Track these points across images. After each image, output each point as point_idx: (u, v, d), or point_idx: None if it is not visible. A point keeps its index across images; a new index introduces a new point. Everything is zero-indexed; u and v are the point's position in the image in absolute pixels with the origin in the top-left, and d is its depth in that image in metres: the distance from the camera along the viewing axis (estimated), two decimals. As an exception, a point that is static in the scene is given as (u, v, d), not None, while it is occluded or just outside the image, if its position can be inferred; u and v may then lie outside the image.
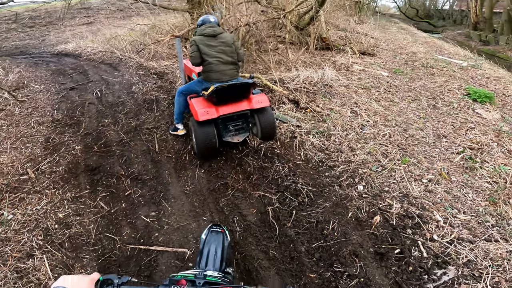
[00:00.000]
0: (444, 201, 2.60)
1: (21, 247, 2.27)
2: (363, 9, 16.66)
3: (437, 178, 2.87)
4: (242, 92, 2.97)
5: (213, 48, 3.02)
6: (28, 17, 13.38)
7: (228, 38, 3.13)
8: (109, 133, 3.70)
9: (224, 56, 3.04)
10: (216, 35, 3.07)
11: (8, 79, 5.70)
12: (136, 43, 7.43)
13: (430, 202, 2.57)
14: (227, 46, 3.08)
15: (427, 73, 5.89)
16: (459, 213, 2.46)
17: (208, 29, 3.07)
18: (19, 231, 2.40)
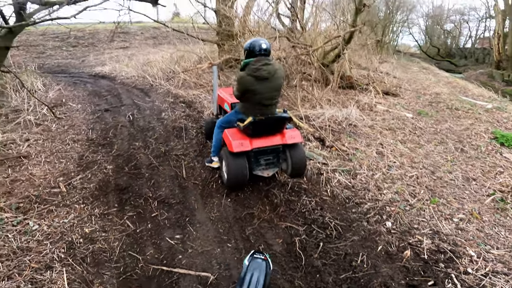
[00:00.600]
0: (477, 238, 2.60)
1: (41, 258, 2.29)
2: (385, 48, 17.12)
3: (468, 217, 2.87)
4: (278, 125, 2.98)
5: (261, 92, 2.82)
6: (74, 36, 14.25)
7: (280, 77, 2.88)
8: (139, 156, 3.85)
9: (269, 101, 2.93)
10: (269, 78, 2.78)
11: (48, 96, 6.11)
12: (167, 71, 7.81)
13: (462, 239, 2.56)
14: (277, 90, 2.92)
15: (452, 115, 5.89)
16: (493, 249, 2.47)
17: (263, 71, 2.74)
18: (42, 242, 2.44)
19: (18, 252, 2.31)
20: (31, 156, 3.72)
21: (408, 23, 23.63)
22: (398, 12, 20.01)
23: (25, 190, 3.06)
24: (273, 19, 9.03)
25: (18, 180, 3.23)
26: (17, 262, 2.23)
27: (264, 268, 1.37)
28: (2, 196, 2.95)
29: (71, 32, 13.93)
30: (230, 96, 3.67)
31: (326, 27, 8.66)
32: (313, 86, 5.77)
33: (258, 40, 2.89)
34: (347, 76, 6.77)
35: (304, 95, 5.74)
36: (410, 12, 22.39)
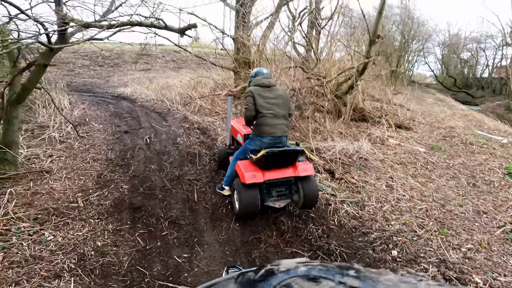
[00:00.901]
0: (484, 266, 2.57)
1: (51, 267, 2.38)
2: (399, 79, 17.17)
3: (476, 247, 2.85)
4: (290, 159, 3.06)
5: (268, 99, 3.06)
6: (101, 56, 15.02)
7: (282, 90, 3.19)
8: (154, 178, 4.01)
9: (277, 109, 3.08)
10: (271, 86, 3.14)
11: (73, 114, 6.46)
12: (184, 95, 8.12)
13: (469, 267, 2.54)
14: (281, 99, 3.12)
15: (466, 150, 5.84)
16: (500, 276, 2.45)
17: (263, 80, 3.14)
18: (55, 252, 2.55)
19: (30, 260, 2.42)
20: (53, 172, 3.93)
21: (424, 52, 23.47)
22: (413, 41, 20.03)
23: (44, 202, 3.23)
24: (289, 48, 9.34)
25: (38, 193, 3.42)
26: (27, 269, 2.33)
27: None
28: (22, 206, 3.12)
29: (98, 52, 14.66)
30: (243, 127, 3.77)
31: (340, 57, 8.87)
32: (326, 118, 5.88)
33: (261, 68, 3.37)
34: (360, 108, 6.85)
35: (316, 127, 5.84)
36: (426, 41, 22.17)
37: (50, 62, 3.62)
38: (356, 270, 0.40)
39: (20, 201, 3.21)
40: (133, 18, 3.50)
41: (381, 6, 6.16)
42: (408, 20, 18.00)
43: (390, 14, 18.15)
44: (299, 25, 9.32)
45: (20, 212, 2.99)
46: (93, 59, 14.78)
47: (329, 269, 0.40)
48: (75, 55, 14.69)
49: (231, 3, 9.22)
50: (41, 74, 3.72)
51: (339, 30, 10.43)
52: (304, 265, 0.40)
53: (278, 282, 0.38)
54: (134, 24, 3.55)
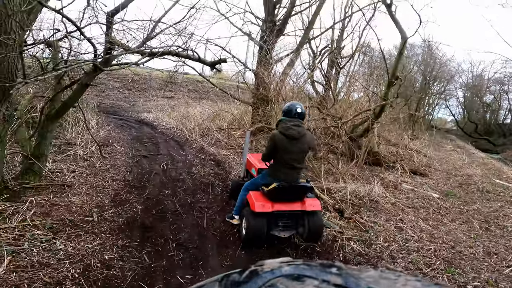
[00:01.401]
0: None
1: (55, 274, 2.44)
2: (418, 123, 16.95)
3: (483, 285, 2.79)
4: (300, 193, 3.21)
5: (290, 154, 3.07)
6: (131, 79, 15.45)
7: (309, 141, 3.14)
8: (167, 202, 4.16)
9: (296, 163, 3.15)
10: (299, 138, 3.05)
11: (99, 135, 6.82)
12: (202, 126, 8.33)
13: None
14: (303, 152, 3.16)
15: (482, 198, 5.71)
16: None
17: (293, 130, 3.02)
18: (62, 260, 2.63)
19: (35, 266, 2.51)
20: (73, 186, 4.15)
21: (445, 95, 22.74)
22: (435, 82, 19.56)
23: (61, 214, 3.39)
24: (308, 85, 9.58)
25: (57, 205, 3.60)
26: (31, 274, 2.40)
27: None
28: (40, 215, 3.28)
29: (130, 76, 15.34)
30: (258, 162, 3.92)
31: (358, 97, 8.94)
32: (339, 160, 5.91)
33: (296, 104, 3.26)
34: (374, 152, 6.80)
35: (329, 168, 5.89)
36: (448, 83, 21.23)
37: (91, 82, 3.83)
38: (338, 267, 0.40)
39: (39, 210, 3.39)
40: (171, 48, 3.75)
41: (402, 47, 6.22)
42: (430, 61, 17.93)
43: (412, 53, 18.00)
44: (320, 63, 9.61)
45: (37, 220, 3.15)
46: (123, 82, 15.38)
47: (312, 268, 0.40)
48: (107, 76, 15.38)
49: (255, 38, 9.65)
50: (82, 93, 3.92)
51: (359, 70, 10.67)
52: (288, 265, 0.41)
53: (263, 282, 0.38)
54: (173, 54, 3.81)
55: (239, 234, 3.44)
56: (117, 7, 3.41)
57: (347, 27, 10.81)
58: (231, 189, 4.34)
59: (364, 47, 11.57)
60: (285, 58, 9.38)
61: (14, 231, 2.91)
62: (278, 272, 0.40)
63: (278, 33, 9.00)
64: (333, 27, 10.64)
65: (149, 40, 3.70)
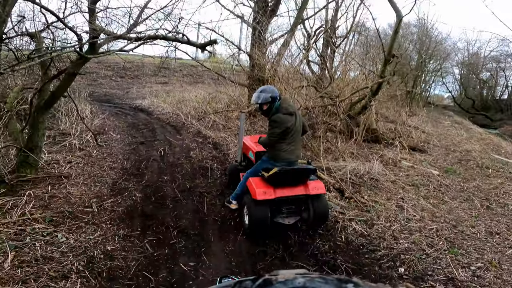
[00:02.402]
0: (493, 284, 2.54)
1: (60, 268, 2.45)
2: (415, 99, 16.94)
3: (486, 266, 2.82)
4: (302, 177, 3.09)
5: (292, 128, 3.07)
6: (123, 67, 15.31)
7: (299, 115, 3.18)
8: (166, 188, 4.12)
9: (296, 136, 3.12)
10: (295, 112, 3.11)
11: (93, 123, 6.71)
12: (199, 110, 8.27)
13: (478, 285, 2.52)
14: (300, 125, 3.14)
15: (481, 174, 5.71)
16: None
17: (290, 107, 3.08)
18: (65, 253, 2.63)
19: (40, 260, 2.51)
20: (71, 177, 4.10)
21: (441, 73, 22.80)
22: (431, 60, 19.59)
23: (60, 206, 3.37)
24: (303, 66, 9.44)
25: (56, 197, 3.56)
26: (36, 269, 2.41)
27: None
28: (39, 208, 3.26)
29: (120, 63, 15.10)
30: (255, 145, 3.75)
31: (355, 76, 8.87)
32: (337, 138, 5.87)
33: (270, 87, 3.28)
34: (373, 129, 6.78)
35: (328, 147, 5.85)
36: (444, 61, 21.30)
37: (79, 71, 3.76)
38: (354, 283, 0.39)
39: (38, 203, 3.36)
40: (159, 32, 3.66)
41: (397, 25, 6.12)
42: (426, 39, 17.79)
43: (407, 32, 17.79)
44: (314, 43, 9.46)
45: (36, 214, 3.12)
46: (116, 70, 15.23)
47: (328, 282, 0.39)
48: (99, 65, 15.21)
49: (248, 20, 9.46)
50: (70, 82, 3.85)
51: (354, 49, 10.54)
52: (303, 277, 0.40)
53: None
54: (160, 38, 3.73)
55: (240, 219, 3.39)
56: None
57: (341, 6, 10.58)
58: (229, 175, 4.23)
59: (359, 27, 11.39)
60: (280, 39, 9.23)
61: (14, 225, 2.89)
62: (291, 283, 0.39)
63: (271, 13, 8.79)
64: (327, 7, 10.43)
65: (136, 26, 3.62)
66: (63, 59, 5.12)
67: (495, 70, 23.23)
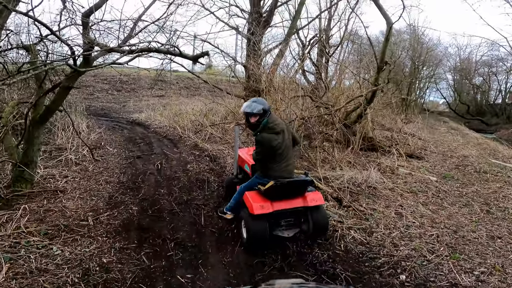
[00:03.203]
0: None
1: (55, 280, 2.40)
2: (410, 106, 17.07)
3: (490, 270, 2.76)
4: (299, 189, 3.03)
5: (280, 145, 2.98)
6: (120, 80, 15.32)
7: (287, 130, 3.11)
8: (163, 201, 4.09)
9: (288, 151, 3.04)
10: (283, 130, 3.03)
11: (90, 138, 6.70)
12: (195, 123, 8.25)
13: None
14: (289, 140, 3.06)
15: (480, 179, 5.71)
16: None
17: (277, 126, 2.99)
18: (61, 266, 2.58)
19: (34, 272, 2.46)
20: (66, 191, 4.07)
21: (435, 79, 23.12)
22: (424, 67, 19.88)
23: (56, 219, 3.32)
24: (298, 75, 9.54)
25: (51, 211, 3.53)
26: (31, 281, 2.37)
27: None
28: (34, 222, 3.21)
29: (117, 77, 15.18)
30: (250, 157, 3.68)
31: (350, 84, 8.97)
32: (334, 147, 5.88)
33: (260, 100, 3.18)
34: (369, 137, 6.80)
35: (325, 156, 5.84)
36: (437, 67, 21.68)
37: (74, 85, 3.77)
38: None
39: (33, 217, 3.32)
40: (151, 45, 3.69)
41: (388, 32, 6.24)
42: (417, 46, 18.09)
43: (399, 40, 18.12)
44: (309, 53, 9.59)
45: (31, 227, 3.08)
46: (112, 84, 15.24)
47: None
48: (95, 79, 15.27)
49: (243, 31, 9.60)
50: (65, 96, 3.87)
51: (348, 57, 10.73)
52: (299, 286, 0.40)
53: None
54: (152, 50, 3.76)
55: (238, 230, 3.35)
56: (90, 7, 3.34)
57: (333, 16, 10.81)
58: (226, 188, 4.20)
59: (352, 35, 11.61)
60: (274, 49, 9.37)
61: (9, 238, 2.86)
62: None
63: (265, 24, 8.94)
64: (320, 16, 10.66)
65: (130, 39, 3.66)
66: (58, 72, 5.15)
67: (487, 75, 23.66)
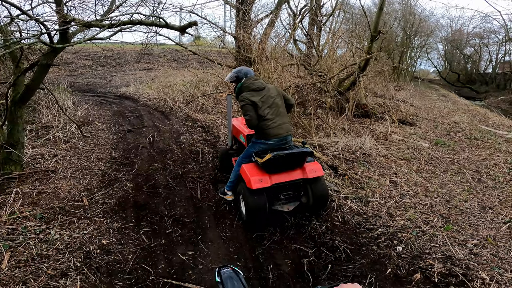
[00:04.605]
0: (491, 262, 2.55)
1: (58, 265, 2.39)
2: (402, 74, 17.06)
3: (482, 243, 2.83)
4: (298, 161, 2.90)
5: (268, 101, 2.90)
6: (103, 56, 14.99)
7: (273, 88, 3.04)
8: (157, 176, 4.03)
9: (279, 108, 2.96)
10: (264, 87, 2.97)
11: (77, 114, 6.49)
12: (186, 94, 8.10)
13: (476, 263, 2.52)
14: (278, 97, 2.98)
15: (470, 145, 5.79)
16: (506, 272, 2.43)
17: (256, 83, 2.96)
18: (61, 250, 2.56)
19: (36, 259, 2.44)
20: (58, 171, 3.97)
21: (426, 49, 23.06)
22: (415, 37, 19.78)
23: (50, 201, 3.26)
24: (290, 45, 9.30)
25: (44, 192, 3.45)
26: (34, 268, 2.34)
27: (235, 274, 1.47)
28: (28, 206, 3.15)
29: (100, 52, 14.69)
30: (245, 127, 3.52)
31: (342, 53, 8.83)
32: (328, 114, 5.85)
33: (245, 68, 3.11)
34: (362, 104, 6.81)
35: (319, 124, 5.81)
36: (429, 37, 21.69)
37: (52, 62, 3.62)
38: None
39: (26, 200, 3.25)
40: (133, 17, 3.47)
41: (382, 2, 6.08)
42: (410, 16, 17.82)
43: (391, 10, 17.87)
44: (300, 22, 9.29)
45: (26, 212, 3.02)
46: (95, 59, 14.83)
47: None
48: (77, 55, 14.75)
49: (231, 1, 9.18)
50: (44, 74, 3.71)
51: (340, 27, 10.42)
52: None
53: None
54: (135, 23, 3.53)
55: (236, 203, 3.31)
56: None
57: (325, -16, 10.30)
58: (220, 160, 4.07)
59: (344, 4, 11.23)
60: (265, 19, 9.02)
61: (5, 225, 2.80)
62: None
63: (254, -7, 8.50)
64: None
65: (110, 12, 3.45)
66: (36, 51, 4.87)
67: (478, 46, 23.79)
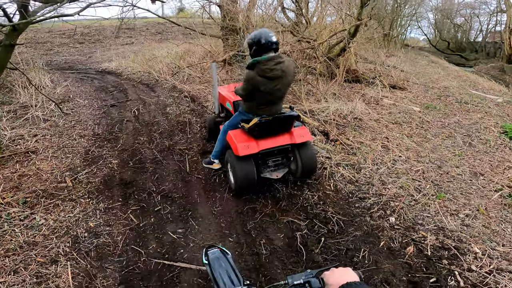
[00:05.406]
0: (482, 234, 2.54)
1: (46, 252, 2.33)
2: (392, 42, 16.76)
3: (474, 213, 2.80)
4: (285, 125, 2.82)
5: (272, 92, 2.65)
6: (80, 33, 14.36)
7: (291, 74, 2.69)
8: (144, 150, 3.89)
9: (278, 99, 2.77)
10: (279, 76, 2.58)
11: (56, 92, 6.20)
12: (172, 66, 7.83)
13: (468, 236, 2.51)
14: (286, 89, 2.75)
15: (461, 109, 5.77)
16: (498, 246, 2.41)
17: (276, 70, 2.55)
18: (48, 236, 2.48)
19: (24, 247, 2.36)
20: (38, 151, 3.79)
21: (416, 17, 22.90)
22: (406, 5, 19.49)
23: (32, 184, 3.12)
24: (278, 13, 8.94)
25: (25, 175, 3.29)
26: (23, 256, 2.27)
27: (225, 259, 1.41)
28: (10, 190, 3.01)
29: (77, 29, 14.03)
30: (232, 94, 3.47)
31: (331, 20, 8.54)
32: (318, 80, 5.71)
33: (266, 33, 2.58)
34: (353, 69, 6.68)
35: (309, 89, 5.66)
36: (419, 6, 21.61)
37: (16, 42, 3.44)
38: None
39: (8, 185, 3.10)
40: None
41: None
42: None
43: None
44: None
45: (8, 197, 2.89)
46: (72, 37, 14.21)
47: None
48: (51, 34, 14.07)
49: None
50: (9, 54, 3.57)
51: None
52: None
53: None
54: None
55: (225, 174, 3.21)
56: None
57: None
58: (208, 129, 3.96)
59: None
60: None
61: (-12, 213, 2.66)
62: None
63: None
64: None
65: None
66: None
67: (469, 16, 23.73)
